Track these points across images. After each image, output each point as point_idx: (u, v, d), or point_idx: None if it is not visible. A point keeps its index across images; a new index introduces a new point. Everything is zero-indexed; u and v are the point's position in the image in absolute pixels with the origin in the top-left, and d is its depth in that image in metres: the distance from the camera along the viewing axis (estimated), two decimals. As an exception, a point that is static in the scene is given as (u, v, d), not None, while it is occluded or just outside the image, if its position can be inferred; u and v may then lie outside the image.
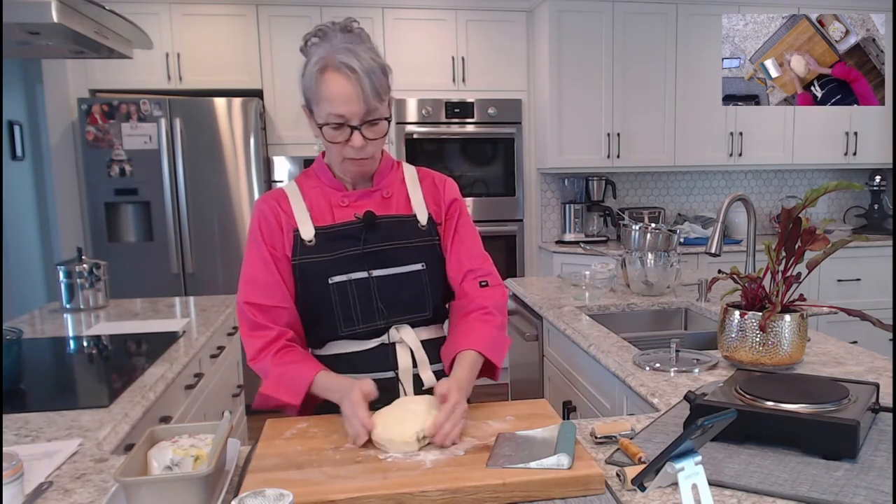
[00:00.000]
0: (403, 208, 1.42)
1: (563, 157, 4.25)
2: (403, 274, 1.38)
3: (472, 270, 1.44)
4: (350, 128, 1.27)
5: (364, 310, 1.37)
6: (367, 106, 1.25)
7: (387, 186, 1.43)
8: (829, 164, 4.60)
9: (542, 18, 4.20)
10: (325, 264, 1.36)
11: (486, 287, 1.44)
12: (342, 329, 1.38)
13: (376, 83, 1.26)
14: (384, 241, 1.37)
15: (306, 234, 1.36)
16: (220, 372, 2.49)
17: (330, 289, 1.36)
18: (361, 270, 1.36)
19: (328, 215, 1.39)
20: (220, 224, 3.94)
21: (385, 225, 1.38)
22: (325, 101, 1.26)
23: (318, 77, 1.26)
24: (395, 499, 0.97)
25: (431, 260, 1.42)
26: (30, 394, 1.63)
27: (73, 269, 2.54)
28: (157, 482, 0.95)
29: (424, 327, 1.43)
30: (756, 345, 1.52)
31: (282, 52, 4.11)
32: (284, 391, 1.31)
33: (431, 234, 1.42)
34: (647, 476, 0.84)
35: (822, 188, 1.49)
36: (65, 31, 1.74)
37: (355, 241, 1.36)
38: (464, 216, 1.47)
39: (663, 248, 2.47)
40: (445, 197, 1.46)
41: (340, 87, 1.24)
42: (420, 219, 1.41)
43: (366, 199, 1.40)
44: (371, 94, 1.25)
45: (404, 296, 1.39)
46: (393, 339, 1.39)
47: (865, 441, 1.14)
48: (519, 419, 1.25)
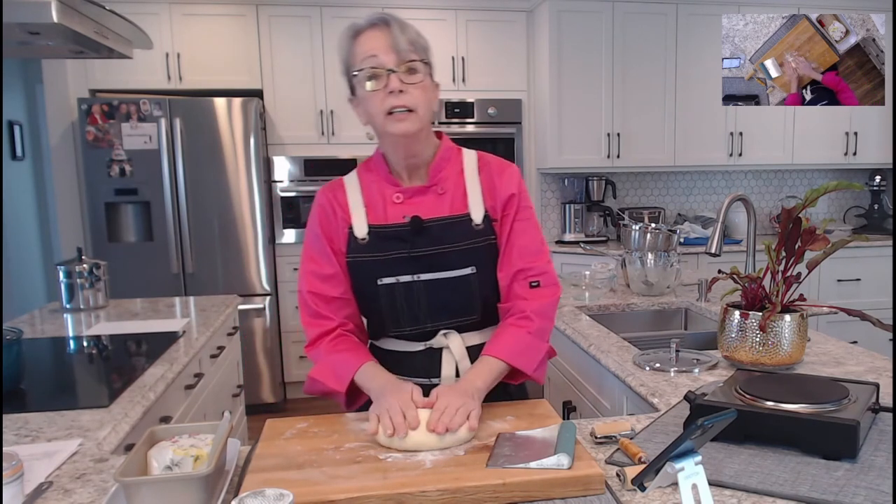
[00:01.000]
0: (458, 206, 1.36)
1: (563, 157, 4.25)
2: (452, 279, 1.35)
3: (522, 270, 1.37)
4: (386, 73, 1.25)
5: (410, 312, 1.36)
6: (400, 47, 1.25)
7: (442, 182, 1.37)
8: (829, 164, 4.60)
9: (542, 18, 4.20)
10: (375, 264, 1.34)
11: (537, 287, 1.37)
12: (390, 329, 1.38)
13: (410, 33, 1.27)
14: (432, 244, 1.33)
15: (360, 232, 1.35)
16: (220, 372, 2.50)
17: (378, 290, 1.35)
18: (408, 274, 1.34)
19: (382, 212, 1.36)
20: (220, 224, 3.94)
21: (434, 228, 1.33)
22: (359, 54, 1.26)
23: (352, 41, 1.28)
24: (395, 499, 0.97)
25: (484, 262, 1.36)
26: (30, 394, 1.63)
27: (73, 269, 2.54)
28: (157, 482, 0.95)
29: (474, 332, 1.40)
30: (756, 345, 1.52)
31: (282, 52, 4.11)
32: (331, 377, 1.32)
33: (487, 234, 1.36)
34: (647, 476, 0.84)
35: (822, 188, 1.49)
36: (65, 31, 1.74)
37: (403, 244, 1.33)
38: (522, 210, 1.39)
39: (663, 248, 2.47)
40: (501, 192, 1.38)
41: (371, 36, 1.26)
42: (475, 217, 1.35)
43: (420, 196, 1.36)
44: (402, 38, 1.25)
45: (451, 300, 1.36)
46: (439, 345, 1.38)
47: (865, 441, 1.14)
48: (519, 419, 1.24)
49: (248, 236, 3.99)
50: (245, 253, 4.00)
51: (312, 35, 4.13)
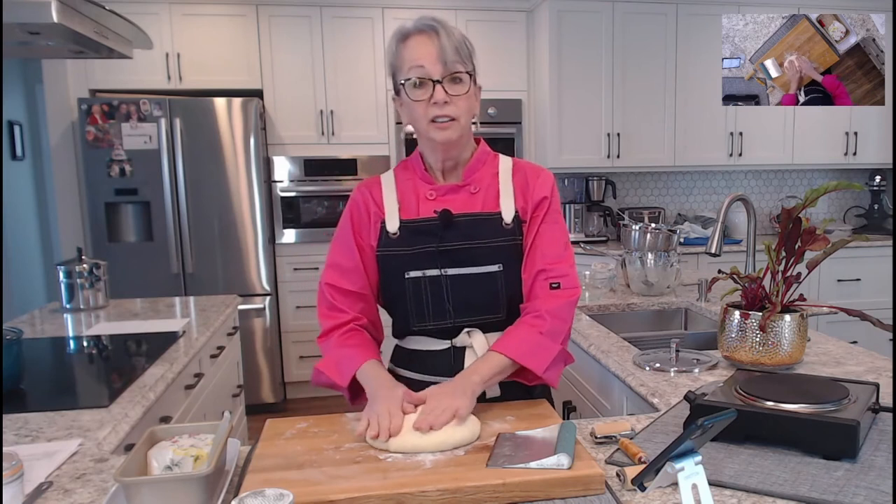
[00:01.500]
0: (490, 205, 1.38)
1: (563, 157, 4.25)
2: (478, 274, 1.36)
3: (544, 271, 1.37)
4: (432, 83, 1.27)
5: (435, 307, 1.37)
6: (447, 58, 1.27)
7: (476, 181, 1.40)
8: (829, 164, 4.60)
9: (542, 18, 4.20)
10: (404, 258, 1.36)
11: (557, 289, 1.37)
12: (414, 324, 1.39)
13: (457, 43, 1.28)
14: (461, 239, 1.35)
15: (391, 227, 1.37)
16: (220, 372, 2.50)
17: (405, 283, 1.36)
18: (435, 268, 1.35)
19: (415, 208, 1.39)
20: (220, 224, 3.94)
21: (464, 224, 1.36)
22: (406, 61, 1.29)
23: (400, 45, 1.30)
24: (395, 499, 0.97)
25: (511, 261, 1.38)
26: (30, 394, 1.63)
27: (73, 269, 2.54)
28: (157, 482, 0.95)
29: (498, 331, 1.39)
30: (756, 345, 1.52)
31: (282, 52, 4.11)
32: (334, 370, 1.33)
33: (515, 234, 1.38)
34: (647, 476, 0.84)
35: (822, 188, 1.49)
36: (65, 31, 1.74)
37: (433, 238, 1.35)
38: (551, 213, 1.40)
39: (663, 248, 2.47)
40: (535, 194, 1.39)
41: (419, 44, 1.28)
42: (505, 217, 1.37)
43: (453, 194, 1.38)
44: (450, 49, 1.27)
45: (477, 297, 1.37)
46: (463, 344, 1.38)
47: (865, 441, 1.14)
48: (519, 419, 1.25)
49: (248, 236, 3.99)
50: (245, 253, 4.00)
51: (312, 35, 4.12)
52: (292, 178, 4.17)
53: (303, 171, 4.17)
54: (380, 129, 4.26)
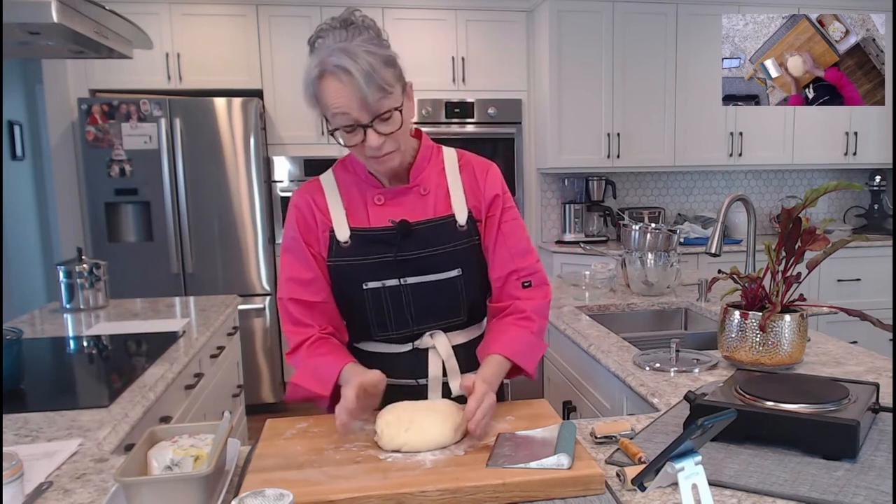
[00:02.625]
0: (441, 207, 1.35)
1: (563, 157, 4.25)
2: (438, 281, 1.34)
3: (515, 271, 1.37)
4: (362, 127, 1.21)
5: (397, 316, 1.35)
6: (370, 104, 1.18)
7: (424, 181, 1.36)
8: (829, 164, 4.60)
9: (542, 18, 4.20)
10: (360, 268, 1.33)
11: (529, 287, 1.38)
12: (376, 333, 1.37)
13: (377, 79, 1.17)
14: (419, 248, 1.32)
15: (341, 235, 1.33)
16: (220, 372, 2.50)
17: (364, 294, 1.33)
18: (394, 278, 1.33)
19: (363, 214, 1.34)
20: (220, 224, 3.94)
21: (421, 231, 1.32)
22: (329, 107, 1.20)
23: (317, 84, 1.20)
24: (395, 499, 0.97)
25: (469, 263, 1.36)
26: (30, 394, 1.63)
27: (73, 269, 2.54)
28: (157, 482, 0.95)
29: (459, 331, 1.41)
30: (756, 345, 1.52)
31: (282, 52, 4.11)
32: (314, 382, 1.29)
33: (471, 235, 1.36)
34: (647, 476, 0.84)
35: (822, 188, 1.49)
36: (65, 31, 1.74)
37: (389, 248, 1.31)
38: (507, 211, 1.39)
39: (663, 248, 2.47)
40: (486, 192, 1.37)
41: (338, 91, 1.18)
42: (459, 219, 1.35)
43: (401, 198, 1.34)
44: (371, 92, 1.17)
45: (438, 303, 1.36)
46: (426, 345, 1.37)
47: (865, 441, 1.14)
48: (519, 419, 1.25)
49: (248, 236, 3.99)
50: (245, 253, 4.00)
51: (312, 35, 4.12)
52: (292, 178, 4.17)
53: (303, 171, 4.17)
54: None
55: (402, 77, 1.26)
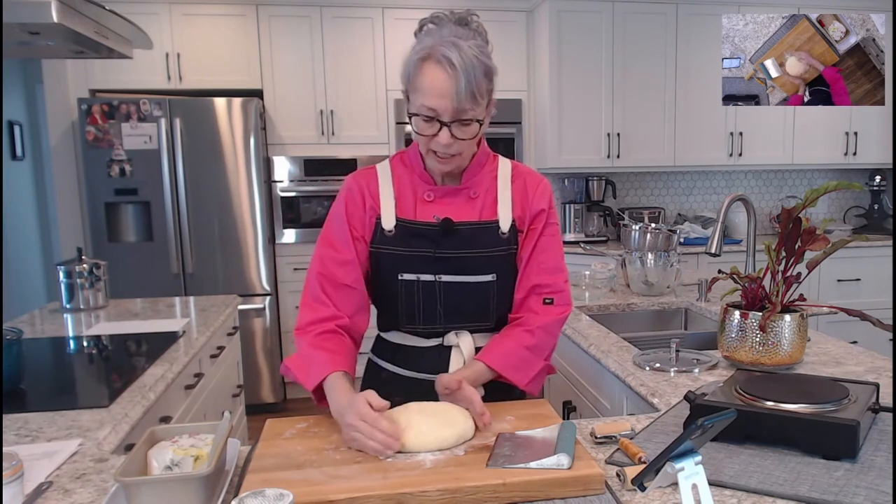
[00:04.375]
0: (488, 212, 1.37)
1: (563, 157, 4.25)
2: (472, 283, 1.36)
3: (539, 286, 1.38)
4: (440, 123, 1.24)
5: (427, 311, 1.37)
6: (460, 104, 1.21)
7: (475, 186, 1.38)
8: (829, 164, 4.60)
9: (542, 18, 4.20)
10: (399, 259, 1.35)
11: (550, 305, 1.39)
12: (403, 323, 1.39)
13: (474, 83, 1.21)
14: (459, 248, 1.34)
15: (387, 224, 1.35)
16: (220, 372, 2.49)
17: (398, 284, 1.35)
18: (430, 273, 1.35)
19: (412, 207, 1.37)
20: (220, 224, 3.94)
21: (462, 232, 1.34)
22: (419, 91, 1.23)
23: (418, 65, 1.23)
24: (395, 499, 0.96)
25: (505, 270, 1.38)
26: (30, 394, 1.63)
27: (73, 269, 2.54)
28: (157, 482, 0.95)
29: (485, 334, 1.41)
30: (756, 345, 1.52)
31: (282, 52, 4.11)
32: (302, 371, 1.30)
33: (510, 243, 1.37)
34: (647, 476, 0.84)
35: (822, 188, 1.49)
36: (65, 31, 1.74)
37: (430, 243, 1.34)
38: (549, 226, 1.40)
39: (663, 248, 2.47)
40: (533, 205, 1.39)
41: (437, 79, 1.21)
42: (502, 226, 1.37)
43: (451, 198, 1.37)
44: (465, 92, 1.21)
45: (469, 305, 1.37)
46: (450, 343, 1.39)
47: (865, 441, 1.14)
48: (519, 419, 1.25)
49: (248, 236, 3.99)
50: (245, 253, 4.00)
51: (312, 35, 4.12)
52: (292, 178, 4.17)
53: (303, 171, 4.17)
54: (380, 128, 4.26)
55: (492, 92, 1.30)
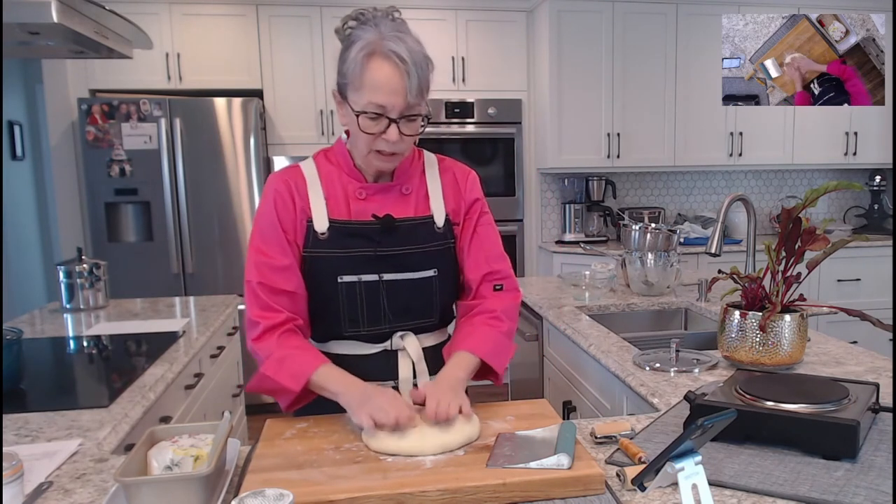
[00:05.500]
0: (422, 207, 1.36)
1: (563, 157, 4.25)
2: (415, 280, 1.34)
3: (490, 273, 1.39)
4: (388, 119, 1.22)
5: (371, 313, 1.34)
6: (412, 99, 1.20)
7: (407, 181, 1.37)
8: (829, 164, 4.60)
9: (542, 18, 4.20)
10: (337, 261, 1.31)
11: (500, 291, 1.40)
12: (346, 329, 1.35)
13: (421, 77, 1.21)
14: (399, 245, 1.32)
15: (320, 226, 1.31)
16: (220, 372, 2.50)
17: (338, 287, 1.32)
18: (373, 273, 1.32)
19: (344, 207, 1.33)
20: (220, 224, 3.94)
21: (402, 229, 1.33)
22: (367, 88, 1.20)
23: (364, 62, 1.20)
24: (395, 499, 0.97)
25: (444, 265, 1.37)
26: (30, 394, 1.63)
27: (73, 269, 2.54)
28: (157, 482, 0.95)
29: (429, 333, 1.41)
30: (756, 345, 1.52)
31: (282, 52, 4.11)
32: (285, 375, 1.26)
33: (447, 237, 1.37)
34: (647, 476, 0.84)
35: (822, 188, 1.49)
36: (65, 31, 1.74)
37: (369, 242, 1.31)
38: (484, 215, 1.41)
39: (663, 248, 2.47)
40: (467, 195, 1.40)
41: (387, 75, 1.19)
42: (437, 220, 1.36)
43: (384, 195, 1.34)
44: (415, 87, 1.20)
45: (413, 302, 1.36)
46: (396, 347, 1.37)
47: (865, 441, 1.14)
48: (519, 419, 1.25)
49: (248, 236, 3.98)
50: (245, 253, 3.99)
51: (312, 35, 4.12)
52: (292, 178, 4.16)
53: (303, 171, 4.16)
54: (380, 129, 4.26)
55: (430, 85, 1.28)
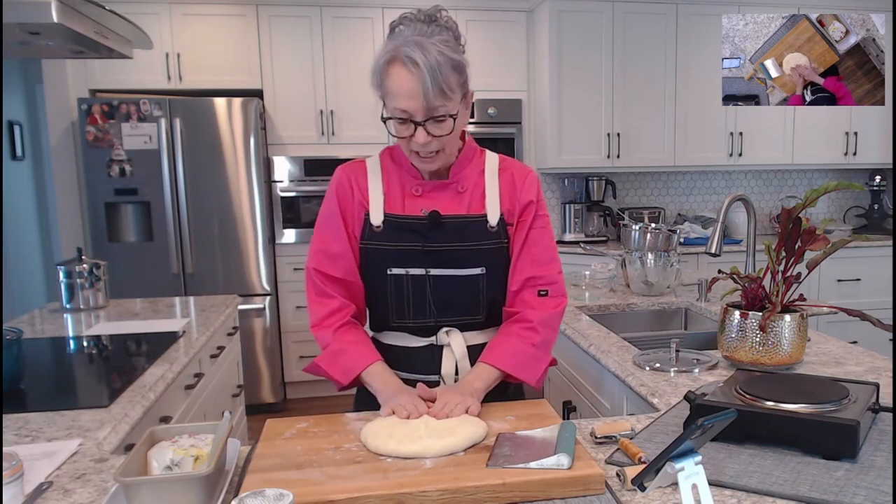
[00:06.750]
0: (476, 206, 1.38)
1: (563, 157, 4.25)
2: (461, 276, 1.36)
3: (533, 278, 1.38)
4: (414, 123, 1.25)
5: (416, 305, 1.37)
6: (429, 102, 1.22)
7: (463, 180, 1.38)
8: (829, 164, 4.60)
9: (542, 18, 4.20)
10: (387, 254, 1.36)
11: (545, 297, 1.39)
12: (393, 320, 1.39)
13: (441, 79, 1.21)
14: (447, 241, 1.35)
15: (375, 219, 1.36)
16: (220, 372, 2.49)
17: (387, 279, 1.36)
18: (420, 267, 1.35)
19: (399, 202, 1.38)
20: (220, 224, 3.94)
21: (451, 225, 1.35)
22: (391, 94, 1.24)
23: (385, 69, 1.24)
24: (395, 499, 0.96)
25: (495, 264, 1.38)
26: (30, 394, 1.63)
27: (73, 269, 2.54)
28: (157, 482, 0.95)
29: (476, 331, 1.42)
30: (756, 345, 1.52)
31: (282, 52, 4.11)
32: (337, 369, 1.33)
33: (500, 237, 1.38)
34: (647, 476, 0.84)
35: (822, 188, 1.49)
36: (65, 31, 1.74)
37: (418, 237, 1.35)
38: (539, 218, 1.41)
39: (663, 248, 2.47)
40: (522, 197, 1.40)
41: (403, 81, 1.22)
42: (490, 219, 1.37)
43: (439, 192, 1.37)
44: (433, 90, 1.21)
45: (458, 298, 1.37)
46: (441, 342, 1.39)
47: (865, 441, 1.14)
48: (519, 419, 1.24)
49: (248, 236, 3.99)
50: (245, 253, 4.00)
51: (312, 35, 4.12)
52: (292, 178, 4.17)
53: (303, 171, 4.17)
54: (380, 129, 4.26)
55: (466, 85, 1.30)
